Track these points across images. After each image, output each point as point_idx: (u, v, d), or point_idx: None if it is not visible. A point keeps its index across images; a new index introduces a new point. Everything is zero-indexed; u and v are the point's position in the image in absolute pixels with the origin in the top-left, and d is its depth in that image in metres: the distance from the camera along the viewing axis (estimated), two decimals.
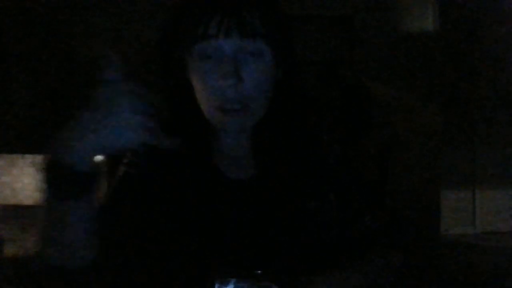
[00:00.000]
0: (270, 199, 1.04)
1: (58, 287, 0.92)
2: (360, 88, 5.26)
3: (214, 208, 1.04)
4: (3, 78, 4.98)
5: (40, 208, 0.88)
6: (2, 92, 5.01)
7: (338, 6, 5.37)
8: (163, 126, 1.09)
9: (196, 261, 1.02)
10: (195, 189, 1.05)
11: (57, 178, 0.81)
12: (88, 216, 0.87)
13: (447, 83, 4.65)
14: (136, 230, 1.05)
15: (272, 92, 1.03)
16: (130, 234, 1.05)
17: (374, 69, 5.34)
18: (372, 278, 1.03)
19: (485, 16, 4.62)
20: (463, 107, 4.67)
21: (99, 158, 0.94)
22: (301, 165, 1.07)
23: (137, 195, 1.06)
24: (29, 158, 5.24)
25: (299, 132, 1.09)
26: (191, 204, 1.04)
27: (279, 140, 1.07)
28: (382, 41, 5.30)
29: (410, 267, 1.09)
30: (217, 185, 1.05)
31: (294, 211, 1.04)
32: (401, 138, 5.10)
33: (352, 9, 5.37)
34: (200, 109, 1.03)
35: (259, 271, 0.89)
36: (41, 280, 0.91)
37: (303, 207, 1.05)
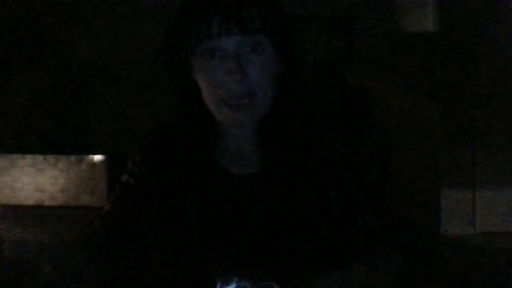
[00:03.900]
0: (273, 196, 1.05)
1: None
2: (360, 88, 5.27)
3: (216, 205, 1.05)
4: (3, 79, 4.99)
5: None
6: (2, 93, 5.01)
7: (338, 6, 5.38)
8: (169, 125, 1.11)
9: (198, 259, 1.03)
10: (197, 186, 1.06)
11: None
12: None
13: (447, 83, 4.65)
14: (139, 230, 1.07)
15: (276, 86, 1.06)
16: (133, 236, 1.06)
17: (374, 69, 5.34)
18: (372, 277, 1.03)
19: (485, 16, 4.62)
20: (463, 107, 4.67)
21: (99, 158, 0.95)
22: (304, 162, 1.08)
23: (138, 200, 1.08)
24: (29, 158, 5.25)
25: (303, 129, 1.10)
26: (193, 202, 1.06)
27: (284, 137, 1.08)
28: (382, 41, 5.30)
29: (410, 267, 1.09)
30: (220, 181, 1.07)
31: (296, 209, 1.05)
32: (401, 138, 5.11)
33: (352, 9, 5.38)
34: (205, 107, 1.06)
35: (261, 270, 0.90)
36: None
37: (305, 205, 1.06)
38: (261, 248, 1.03)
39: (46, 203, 5.68)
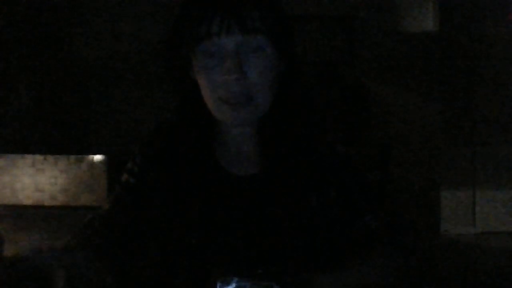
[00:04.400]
0: (273, 197, 1.05)
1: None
2: (360, 88, 5.27)
3: (216, 205, 1.05)
4: (4, 79, 4.99)
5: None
6: (2, 93, 5.01)
7: (338, 6, 5.38)
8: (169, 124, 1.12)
9: (198, 260, 1.03)
10: (197, 186, 1.06)
11: None
12: None
13: (447, 83, 4.65)
14: (138, 231, 1.07)
15: (275, 86, 1.06)
16: (133, 236, 1.07)
17: (374, 69, 5.34)
18: (372, 277, 1.03)
19: (485, 16, 4.62)
20: (463, 107, 4.67)
21: (99, 158, 0.95)
22: (304, 163, 1.08)
23: (138, 200, 1.09)
24: (29, 158, 5.24)
25: (303, 129, 1.10)
26: (193, 202, 1.06)
27: (284, 137, 1.08)
28: (382, 41, 5.30)
29: (410, 267, 1.09)
30: (220, 182, 1.07)
31: (296, 210, 1.05)
32: (401, 138, 5.11)
33: (352, 9, 5.38)
34: (204, 106, 1.06)
35: (261, 271, 0.90)
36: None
37: (305, 206, 1.06)
38: (261, 248, 1.03)
39: (46, 203, 5.68)
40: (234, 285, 0.87)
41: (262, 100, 1.04)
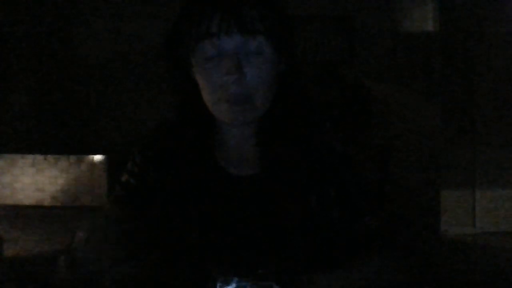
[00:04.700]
0: (273, 197, 1.05)
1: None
2: (360, 88, 5.28)
3: (216, 205, 1.05)
4: (4, 79, 4.99)
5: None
6: (3, 93, 5.01)
7: (338, 6, 5.38)
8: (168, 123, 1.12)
9: (198, 260, 1.03)
10: (197, 187, 1.06)
11: None
12: None
13: (447, 83, 4.66)
14: (139, 232, 1.07)
15: (275, 86, 1.05)
16: (133, 236, 1.07)
17: (374, 69, 5.35)
18: (372, 277, 1.03)
19: (485, 16, 4.62)
20: (463, 107, 4.67)
21: (99, 158, 0.96)
22: (304, 163, 1.08)
23: (138, 200, 1.09)
24: (29, 158, 5.25)
25: (302, 129, 1.10)
26: (193, 202, 1.06)
27: (284, 137, 1.08)
28: (382, 41, 5.30)
29: (410, 267, 1.09)
30: (220, 182, 1.07)
31: (296, 210, 1.05)
32: (401, 138, 5.11)
33: (352, 9, 5.38)
34: (204, 107, 1.05)
35: (261, 271, 0.90)
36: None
37: (305, 205, 1.06)
38: (261, 248, 1.03)
39: (46, 203, 5.69)
40: (234, 285, 0.87)
41: (262, 101, 1.04)
